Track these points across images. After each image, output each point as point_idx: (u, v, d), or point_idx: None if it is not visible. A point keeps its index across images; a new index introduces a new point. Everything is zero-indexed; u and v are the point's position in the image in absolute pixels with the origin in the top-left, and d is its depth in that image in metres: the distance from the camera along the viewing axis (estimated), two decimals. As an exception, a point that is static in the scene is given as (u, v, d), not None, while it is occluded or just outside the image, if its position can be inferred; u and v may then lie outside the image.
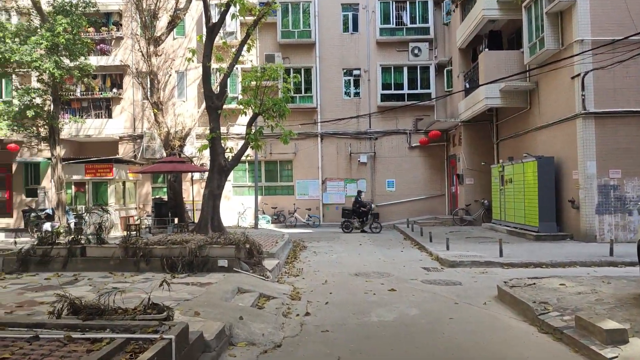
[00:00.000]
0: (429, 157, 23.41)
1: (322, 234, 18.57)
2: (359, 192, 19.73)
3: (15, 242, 10.25)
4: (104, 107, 24.17)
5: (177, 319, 5.42)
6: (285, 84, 14.76)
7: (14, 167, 24.22)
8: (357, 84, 23.83)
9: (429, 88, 23.27)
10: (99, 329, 4.30)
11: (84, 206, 17.50)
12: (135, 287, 7.35)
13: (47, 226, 16.28)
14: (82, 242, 9.29)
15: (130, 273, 8.70)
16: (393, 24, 23.61)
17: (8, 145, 21.92)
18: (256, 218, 20.27)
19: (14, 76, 18.13)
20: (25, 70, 17.20)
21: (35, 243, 9.30)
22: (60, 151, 16.97)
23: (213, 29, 14.28)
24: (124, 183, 19.79)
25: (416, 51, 23.17)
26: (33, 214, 17.26)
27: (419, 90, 23.28)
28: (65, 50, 16.12)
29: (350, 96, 23.83)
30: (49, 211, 17.16)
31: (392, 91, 23.42)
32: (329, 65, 23.69)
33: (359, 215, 19.08)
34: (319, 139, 23.47)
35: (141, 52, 18.45)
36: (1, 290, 7.22)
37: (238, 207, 22.51)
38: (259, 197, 22.05)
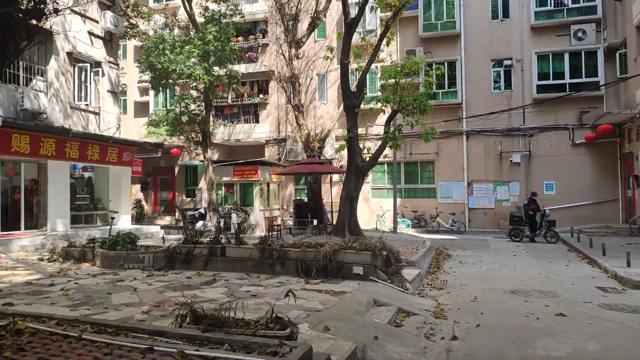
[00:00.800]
0: (596, 155, 20.18)
1: (469, 242, 16.99)
2: (533, 194, 17.33)
3: (164, 240, 10.81)
4: (252, 112, 25.45)
5: (304, 334, 4.86)
6: (427, 78, 13.68)
7: (176, 170, 26.77)
8: (507, 75, 21.57)
9: (595, 76, 20.07)
10: (217, 343, 3.88)
11: (227, 206, 18.40)
12: (267, 292, 7.04)
13: (199, 225, 17.40)
14: (223, 242, 9.38)
15: (266, 275, 8.50)
16: (551, 5, 20.88)
17: (171, 150, 24.19)
18: (395, 222, 19.39)
19: (177, 87, 19.87)
20: (184, 80, 18.69)
21: (180, 242, 9.65)
22: (211, 154, 18.04)
23: (351, 25, 13.81)
24: (268, 184, 20.46)
25: (580, 34, 20.17)
26: (189, 213, 18.64)
27: (583, 79, 20.23)
28: (215, 57, 17.08)
29: (500, 89, 21.66)
30: (202, 210, 18.36)
31: (550, 81, 20.71)
32: (476, 56, 21.82)
33: (532, 222, 16.85)
34: (464, 137, 21.74)
35: (283, 55, 18.84)
36: (146, 288, 7.44)
37: (377, 210, 21.86)
38: (399, 200, 21.13)
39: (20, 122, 13.84)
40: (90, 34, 17.52)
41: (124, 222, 18.12)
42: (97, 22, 17.80)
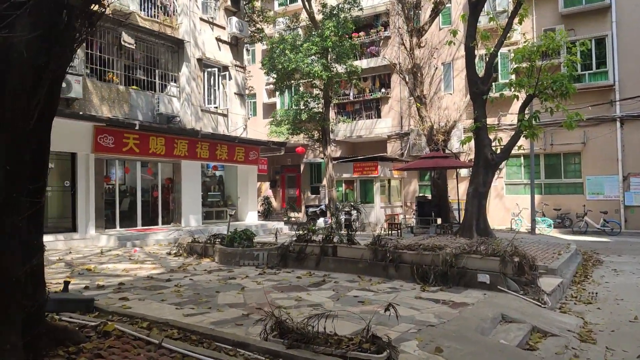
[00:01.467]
0: None
1: (625, 245, 14.47)
2: None
3: (277, 237, 10.71)
4: (374, 108, 24.88)
5: (409, 355, 4.15)
6: (569, 56, 11.81)
7: (302, 168, 27.29)
8: (676, 48, 18.05)
9: None
10: (301, 362, 3.37)
11: (341, 204, 18.05)
12: (376, 299, 6.40)
13: (320, 222, 17.32)
14: (335, 241, 8.95)
15: (378, 279, 7.86)
16: None
17: (297, 148, 24.66)
18: (533, 221, 17.34)
19: (300, 87, 20.08)
20: (306, 79, 18.79)
21: (293, 239, 9.44)
22: (332, 151, 17.86)
23: (477, 4, 12.52)
24: (389, 181, 19.73)
25: None
26: (310, 210, 18.71)
27: None
28: (333, 53, 16.85)
29: (665, 65, 18.21)
30: (323, 207, 18.29)
31: None
32: (631, 30, 18.61)
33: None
34: (618, 124, 18.69)
35: (404, 45, 17.95)
36: (254, 287, 7.27)
37: (512, 208, 19.84)
38: (538, 197, 18.91)
39: (156, 125, 14.94)
40: (218, 39, 18.43)
41: (251, 218, 18.79)
42: (223, 28, 18.67)
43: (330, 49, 16.07)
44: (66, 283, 4.87)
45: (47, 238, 12.27)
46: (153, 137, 14.82)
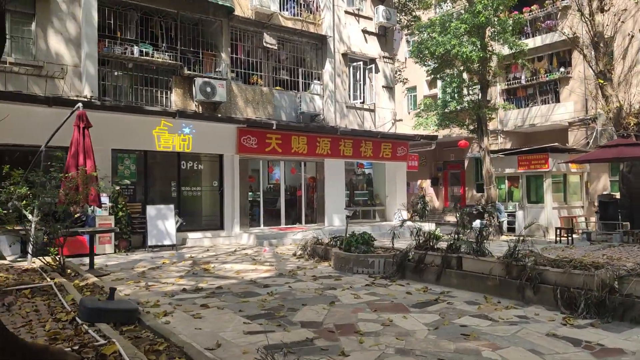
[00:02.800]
0: None
1: None
2: None
3: (393, 241, 9.35)
4: (551, 91, 21.38)
5: None
6: None
7: (466, 163, 24.98)
8: None
9: None
10: None
11: (502, 203, 15.62)
12: (490, 333, 4.88)
13: (476, 224, 15.32)
14: (462, 250, 7.41)
15: (509, 302, 6.14)
16: None
17: (459, 142, 22.58)
18: None
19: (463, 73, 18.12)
20: (460, 64, 16.84)
21: (412, 245, 8.13)
22: (488, 144, 15.63)
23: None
24: (564, 176, 16.52)
25: None
26: (467, 210, 16.72)
27: None
28: (490, 31, 14.70)
29: None
30: (480, 207, 16.14)
31: None
32: None
33: None
34: None
35: (580, 12, 14.78)
36: (349, 302, 6.28)
37: None
38: None
39: (293, 124, 14.88)
40: (364, 31, 17.71)
41: (399, 219, 17.63)
42: (370, 19, 17.88)
43: (484, 26, 13.97)
44: (112, 290, 4.60)
45: (195, 235, 13.10)
46: (295, 136, 14.79)
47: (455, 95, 15.48)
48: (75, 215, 8.77)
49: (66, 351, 3.30)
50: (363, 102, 17.67)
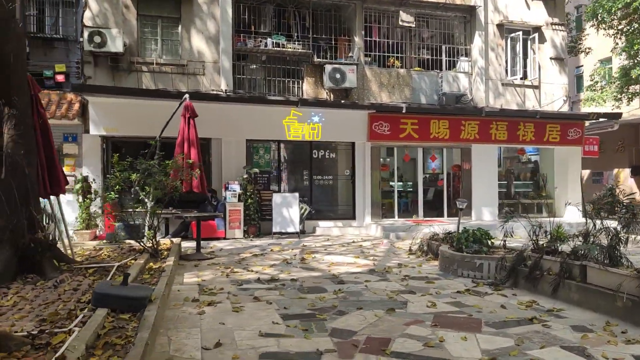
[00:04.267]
0: None
1: None
2: None
3: (505, 241, 7.51)
4: None
5: None
6: None
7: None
8: None
9: None
10: None
11: None
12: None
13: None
14: (592, 256, 5.59)
15: (637, 333, 4.37)
16: None
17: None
18: None
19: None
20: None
21: (529, 247, 6.45)
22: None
23: None
24: None
25: None
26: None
27: None
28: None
29: None
30: (679, 203, 12.48)
31: None
32: None
33: None
34: None
35: None
36: (414, 310, 5.23)
37: None
38: None
39: (426, 106, 13.59)
40: (525, -4, 15.26)
41: (570, 214, 14.80)
42: (533, -20, 15.31)
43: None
44: (125, 275, 4.51)
45: (326, 224, 12.97)
46: (434, 120, 13.47)
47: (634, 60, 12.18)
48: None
49: (13, 335, 3.26)
50: (524, 78, 15.25)
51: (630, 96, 12.02)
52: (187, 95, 8.92)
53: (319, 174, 13.41)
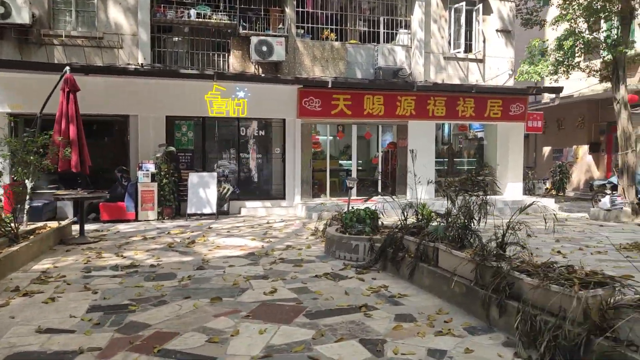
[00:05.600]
0: None
1: None
2: None
3: (379, 219, 7.08)
4: None
5: None
6: None
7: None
8: None
9: None
10: None
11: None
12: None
13: (604, 202, 11.61)
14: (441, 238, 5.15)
15: (463, 322, 3.98)
16: None
17: (630, 95, 17.66)
18: None
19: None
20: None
21: (398, 225, 6.01)
22: (626, 94, 11.55)
23: None
24: None
25: None
26: (596, 183, 12.88)
27: None
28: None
29: None
30: (613, 180, 12.18)
31: None
32: None
33: None
34: None
35: None
36: (248, 299, 4.79)
37: None
38: None
39: (353, 81, 13.01)
40: (470, -35, 14.61)
41: (512, 192, 14.47)
42: (479, -53, 14.65)
43: None
44: None
45: (254, 204, 12.49)
46: (368, 95, 12.93)
47: (581, 31, 11.61)
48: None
49: None
50: (468, 52, 14.70)
51: (565, 69, 11.48)
52: (67, 68, 8.28)
53: (248, 152, 12.88)
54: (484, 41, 14.74)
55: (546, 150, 22.96)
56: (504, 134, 14.63)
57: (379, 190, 13.68)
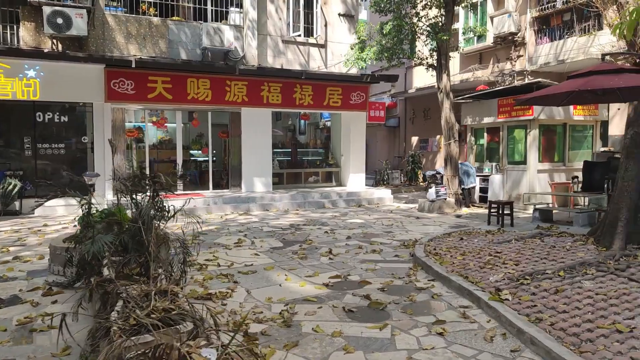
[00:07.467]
0: None
1: None
2: None
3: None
4: (592, 16, 15.99)
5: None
6: None
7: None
8: None
9: None
10: None
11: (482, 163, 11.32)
12: None
13: (431, 193, 11.42)
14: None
15: None
16: None
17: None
18: None
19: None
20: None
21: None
22: (447, 82, 11.40)
23: None
24: (564, 126, 11.77)
25: None
26: (428, 174, 12.80)
27: None
28: None
29: None
30: (440, 170, 12.12)
31: None
32: None
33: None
34: None
35: None
36: None
37: None
38: None
39: (161, 60, 11.67)
40: (311, -56, 13.79)
41: (354, 184, 14.03)
42: None
43: None
44: None
45: (54, 203, 10.71)
46: (192, 79, 11.70)
47: (406, 15, 11.24)
48: None
49: None
50: (309, 36, 13.94)
51: (389, 55, 11.09)
52: None
53: (46, 141, 11.05)
54: (326, 25, 14.06)
55: (414, 140, 23.20)
56: (346, 124, 14.13)
57: (209, 184, 12.54)
